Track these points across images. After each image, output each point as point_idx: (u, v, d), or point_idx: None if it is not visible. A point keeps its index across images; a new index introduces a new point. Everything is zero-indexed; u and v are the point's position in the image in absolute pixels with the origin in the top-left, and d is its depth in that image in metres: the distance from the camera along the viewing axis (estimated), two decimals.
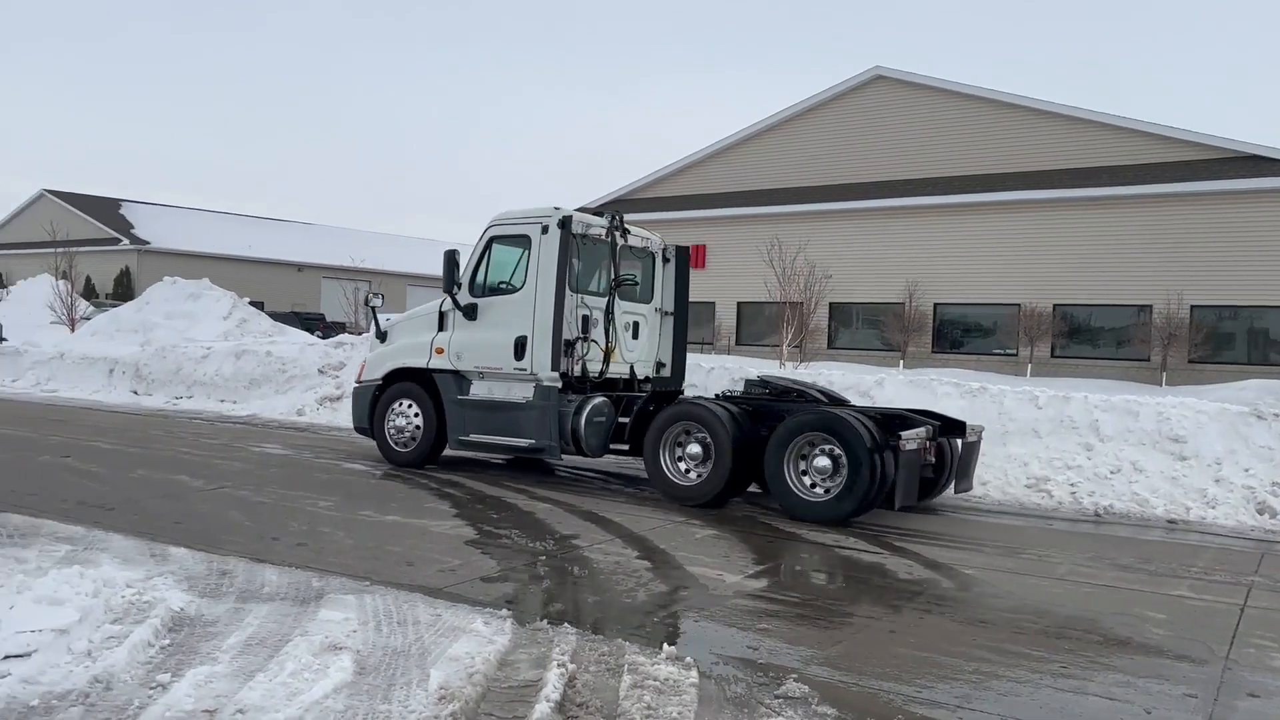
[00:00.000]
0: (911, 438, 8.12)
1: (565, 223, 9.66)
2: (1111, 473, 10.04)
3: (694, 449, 8.94)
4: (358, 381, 11.50)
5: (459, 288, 10.26)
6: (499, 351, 9.94)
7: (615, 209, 9.88)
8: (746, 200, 33.44)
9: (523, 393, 9.84)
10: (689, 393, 11.28)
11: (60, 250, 36.01)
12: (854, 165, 32.08)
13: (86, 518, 7.10)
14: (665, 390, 10.39)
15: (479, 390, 10.22)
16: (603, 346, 10.11)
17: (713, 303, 34.04)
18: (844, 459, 8.12)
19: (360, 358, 13.58)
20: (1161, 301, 24.89)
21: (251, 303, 27.27)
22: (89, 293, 42.83)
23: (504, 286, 10.16)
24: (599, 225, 10.19)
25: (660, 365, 11.05)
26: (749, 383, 10.09)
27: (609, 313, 10.13)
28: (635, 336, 10.73)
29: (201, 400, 17.55)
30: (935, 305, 29.25)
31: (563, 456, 9.86)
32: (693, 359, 16.86)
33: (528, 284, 9.84)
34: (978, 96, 29.97)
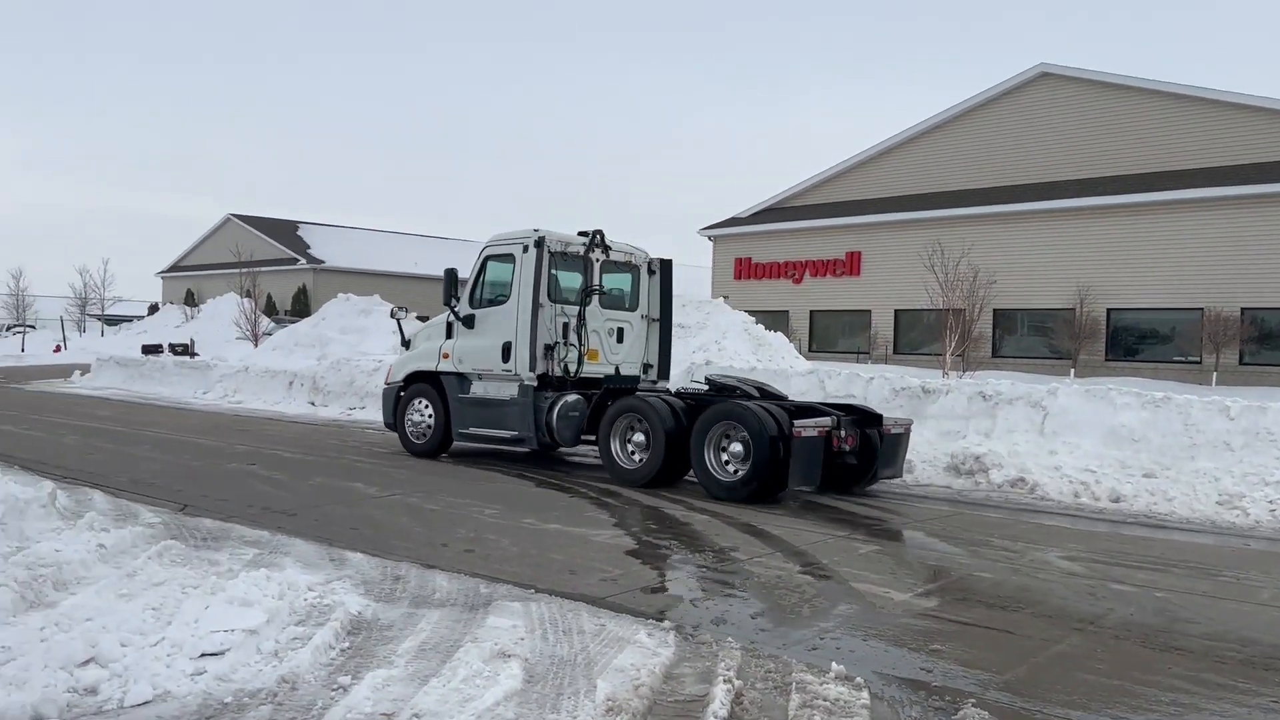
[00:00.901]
0: (807, 426, 8.96)
1: (540, 242, 10.99)
2: None
3: (638, 437, 10.18)
4: (386, 383, 12.98)
5: (457, 300, 11.70)
6: (491, 355, 11.35)
7: (598, 229, 11.46)
8: (904, 205, 32.57)
9: (509, 391, 11.23)
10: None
11: (244, 270, 38.33)
12: (1019, 166, 30.79)
13: (270, 523, 7.51)
14: (619, 387, 11.07)
15: (477, 389, 11.64)
16: (581, 350, 11.32)
17: (868, 310, 33.31)
18: (751, 444, 9.05)
19: None
20: None
21: (418, 318, 28.31)
22: (270, 309, 45.60)
23: (497, 298, 11.49)
24: (578, 243, 11.40)
25: (647, 366, 12.23)
26: (707, 380, 10.92)
27: (581, 320, 11.36)
28: (620, 341, 11.96)
29: (373, 411, 18.30)
30: (1108, 311, 27.69)
31: (537, 446, 11.17)
32: (849, 369, 16.52)
33: (512, 296, 11.20)
34: (1150, 90, 28.23)
